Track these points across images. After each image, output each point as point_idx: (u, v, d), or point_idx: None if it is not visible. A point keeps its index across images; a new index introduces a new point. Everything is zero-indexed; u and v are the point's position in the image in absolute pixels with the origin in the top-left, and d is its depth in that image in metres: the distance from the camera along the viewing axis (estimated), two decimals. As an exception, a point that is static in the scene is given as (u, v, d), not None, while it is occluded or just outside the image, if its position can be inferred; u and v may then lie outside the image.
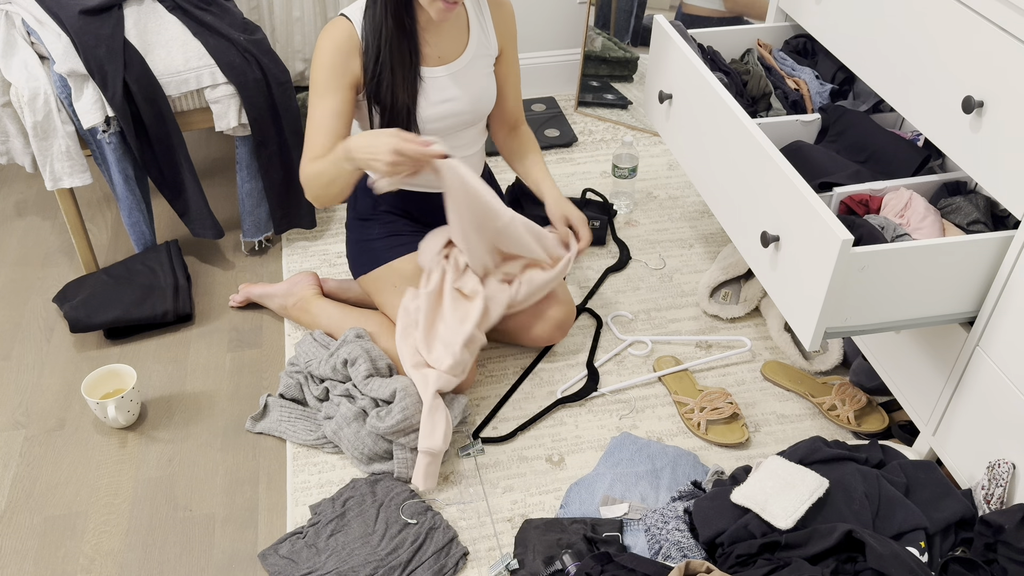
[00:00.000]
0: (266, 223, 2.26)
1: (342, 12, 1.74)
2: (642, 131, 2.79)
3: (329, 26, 1.72)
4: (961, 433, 1.52)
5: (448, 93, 1.78)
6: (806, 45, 2.05)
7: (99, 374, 1.83)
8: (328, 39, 1.71)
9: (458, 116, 1.81)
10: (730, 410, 1.81)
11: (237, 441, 1.80)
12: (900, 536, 1.41)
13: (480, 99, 1.83)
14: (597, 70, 2.82)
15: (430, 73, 1.76)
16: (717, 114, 1.72)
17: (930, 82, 1.50)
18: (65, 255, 2.30)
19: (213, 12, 2.11)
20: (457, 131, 1.84)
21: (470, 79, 1.81)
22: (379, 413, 1.70)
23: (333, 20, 1.73)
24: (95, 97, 1.94)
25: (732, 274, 2.11)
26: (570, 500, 1.66)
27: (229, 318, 2.11)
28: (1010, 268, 1.37)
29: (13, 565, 1.57)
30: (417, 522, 1.60)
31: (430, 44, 1.75)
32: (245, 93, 2.04)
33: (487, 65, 1.85)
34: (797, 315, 1.47)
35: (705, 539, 1.46)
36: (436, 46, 1.76)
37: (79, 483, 1.72)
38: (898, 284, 1.41)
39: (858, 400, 1.82)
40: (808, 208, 1.39)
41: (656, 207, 2.46)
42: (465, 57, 1.80)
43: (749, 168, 1.60)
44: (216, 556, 1.59)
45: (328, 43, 1.71)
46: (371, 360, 1.80)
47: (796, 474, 1.47)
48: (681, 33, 1.96)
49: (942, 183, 1.61)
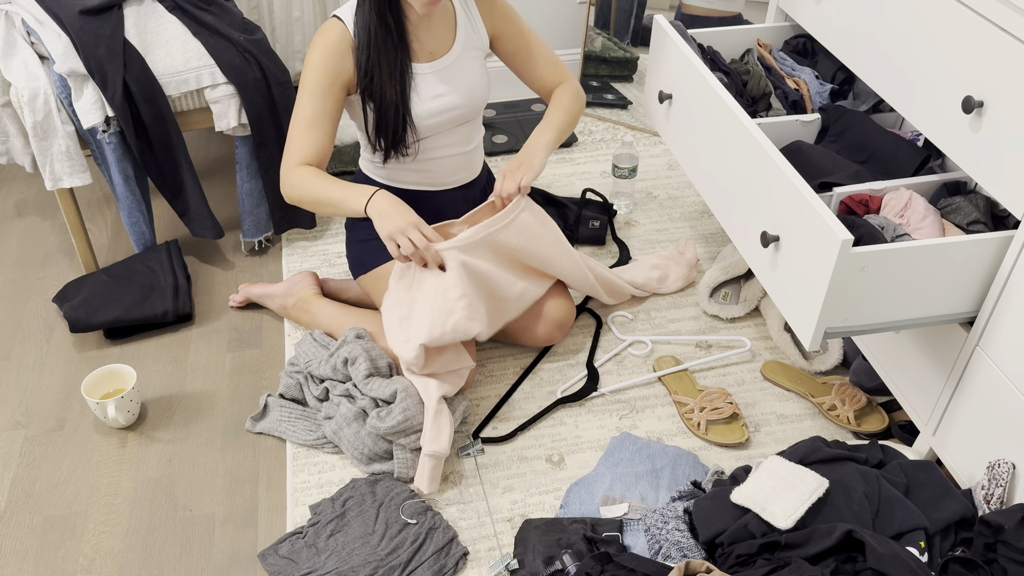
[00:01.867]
0: (266, 223, 2.26)
1: (334, 14, 1.74)
2: (642, 131, 2.79)
3: (322, 28, 1.73)
4: (961, 433, 1.52)
5: (440, 89, 1.79)
6: (806, 45, 2.05)
7: (99, 374, 1.83)
8: (321, 40, 1.72)
9: (452, 111, 1.81)
10: (730, 410, 1.81)
11: (237, 441, 1.80)
12: (900, 536, 1.41)
13: (473, 93, 1.83)
14: (597, 70, 2.82)
15: (420, 70, 1.76)
16: (717, 114, 1.72)
17: (930, 82, 1.50)
18: (65, 255, 2.30)
19: (213, 12, 2.11)
20: (453, 127, 1.84)
21: (461, 73, 1.81)
22: (379, 413, 1.70)
23: (326, 22, 1.74)
24: (95, 97, 1.94)
25: (732, 274, 2.11)
26: (570, 500, 1.66)
27: (229, 318, 2.11)
28: (1010, 268, 1.37)
29: (13, 565, 1.57)
30: (417, 522, 1.60)
31: (419, 41, 1.76)
32: (245, 93, 2.04)
33: (478, 58, 1.85)
34: (797, 315, 1.47)
35: (705, 539, 1.46)
36: (426, 43, 1.77)
37: (79, 483, 1.72)
38: (898, 284, 1.41)
39: (858, 400, 1.82)
40: (808, 208, 1.39)
41: (656, 207, 2.46)
42: (454, 52, 1.80)
43: (749, 168, 1.60)
44: (216, 556, 1.59)
45: (321, 44, 1.71)
46: (371, 360, 1.80)
47: (796, 474, 1.47)
48: (681, 33, 1.96)
49: (942, 183, 1.61)
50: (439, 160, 1.88)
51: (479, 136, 1.94)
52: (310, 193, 1.74)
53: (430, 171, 1.89)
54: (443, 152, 1.87)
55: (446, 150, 1.87)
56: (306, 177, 1.74)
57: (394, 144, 1.78)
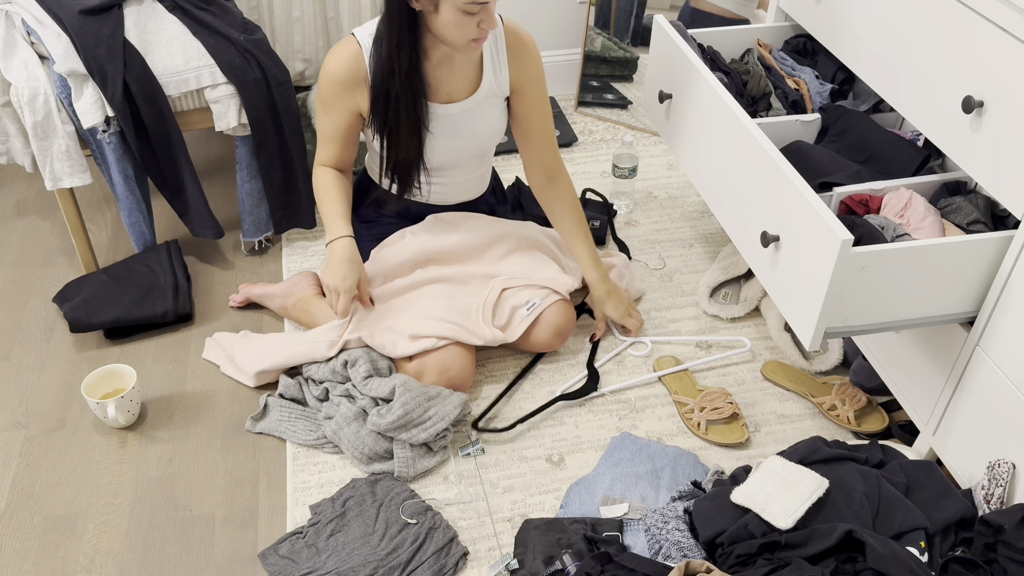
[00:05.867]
0: (266, 223, 2.26)
1: (352, 32, 1.70)
2: (642, 131, 2.79)
3: (339, 49, 1.68)
4: (961, 433, 1.52)
5: (455, 131, 1.76)
6: (806, 45, 2.05)
7: (99, 374, 1.83)
8: (336, 64, 1.68)
9: (462, 152, 1.80)
10: (730, 410, 1.81)
11: (237, 441, 1.80)
12: (900, 536, 1.41)
13: (488, 137, 1.82)
14: (597, 70, 2.82)
15: (437, 111, 1.73)
16: (717, 114, 1.72)
17: (930, 82, 1.50)
18: (65, 255, 2.30)
19: (213, 12, 2.11)
20: (463, 162, 1.84)
21: (478, 118, 1.78)
22: (379, 411, 1.70)
23: (343, 42, 1.69)
24: (95, 97, 1.94)
25: (732, 274, 2.11)
26: (570, 500, 1.66)
27: (229, 318, 2.11)
28: (1010, 268, 1.37)
29: (13, 565, 1.57)
30: (417, 522, 1.60)
31: (440, 80, 1.72)
32: (245, 93, 2.04)
33: (498, 103, 1.81)
34: (797, 315, 1.47)
35: (705, 539, 1.46)
36: (446, 83, 1.73)
37: (79, 483, 1.72)
38: (898, 284, 1.41)
39: (858, 400, 1.82)
40: (808, 208, 1.39)
41: (656, 207, 2.46)
42: (476, 97, 1.76)
43: (749, 168, 1.60)
44: (216, 556, 1.59)
45: (335, 70, 1.68)
46: (371, 361, 1.80)
47: (796, 474, 1.47)
48: (681, 33, 1.96)
49: (942, 183, 1.61)
50: (447, 185, 1.88)
51: (489, 159, 1.93)
52: (317, 198, 1.86)
53: (436, 193, 1.89)
54: (452, 179, 1.87)
55: (454, 178, 1.87)
56: (319, 183, 1.85)
57: (405, 181, 1.79)
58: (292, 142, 2.13)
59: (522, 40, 1.78)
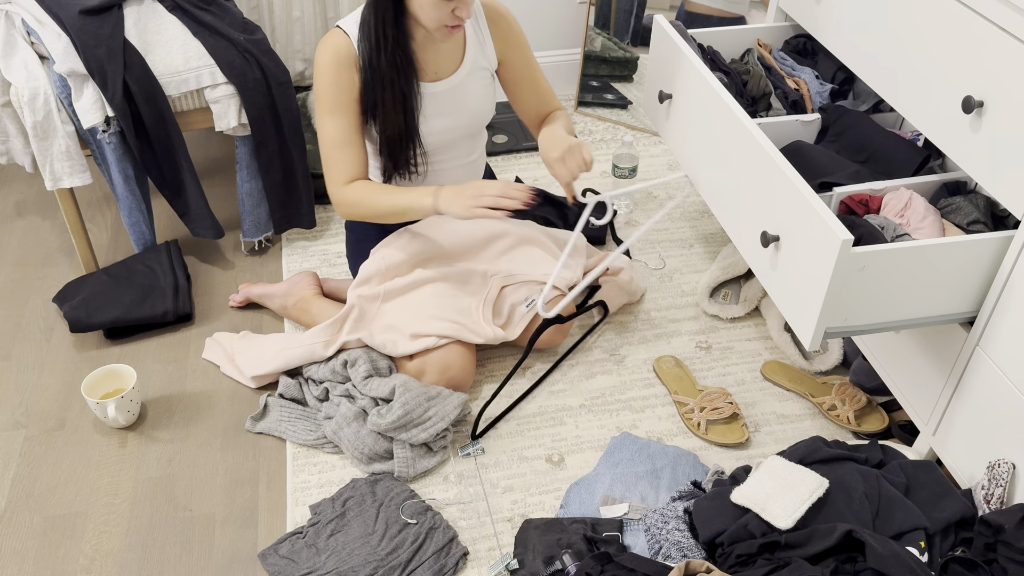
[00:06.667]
0: (266, 223, 2.26)
1: (337, 24, 1.72)
2: (642, 131, 2.79)
3: (326, 40, 1.70)
4: (961, 433, 1.52)
5: (445, 108, 1.77)
6: (806, 45, 2.05)
7: (99, 374, 1.83)
8: (326, 54, 1.69)
9: (455, 130, 1.80)
10: (730, 410, 1.81)
11: (237, 441, 1.80)
12: (900, 536, 1.41)
13: (477, 113, 1.83)
14: (597, 70, 2.82)
15: (426, 89, 1.75)
16: (717, 114, 1.72)
17: (929, 82, 1.50)
18: (65, 255, 2.30)
19: (213, 12, 2.11)
20: (456, 143, 1.84)
21: (467, 93, 1.80)
22: (380, 411, 1.70)
23: (329, 33, 1.71)
24: (95, 97, 1.94)
25: (732, 274, 2.11)
26: (570, 500, 1.66)
27: (229, 318, 2.11)
28: (1010, 268, 1.37)
29: (13, 565, 1.57)
30: (417, 522, 1.60)
31: (426, 59, 1.74)
32: (245, 93, 2.04)
33: (484, 77, 1.83)
34: (797, 315, 1.47)
35: (705, 539, 1.46)
36: (432, 62, 1.75)
37: (79, 483, 1.72)
38: (898, 284, 1.41)
39: (858, 400, 1.82)
40: (808, 208, 1.39)
41: (656, 207, 2.46)
42: (461, 72, 1.78)
43: (749, 168, 1.60)
44: (216, 556, 1.59)
45: (327, 58, 1.69)
46: (371, 361, 1.80)
47: (796, 474, 1.47)
48: (681, 33, 1.96)
49: (942, 183, 1.61)
50: (442, 171, 1.88)
51: (482, 144, 1.94)
52: (371, 208, 1.75)
53: (431, 182, 1.89)
54: (446, 164, 1.87)
55: (449, 163, 1.87)
56: (362, 195, 1.75)
57: (402, 163, 1.78)
58: (292, 142, 2.14)
59: (500, 12, 1.84)
